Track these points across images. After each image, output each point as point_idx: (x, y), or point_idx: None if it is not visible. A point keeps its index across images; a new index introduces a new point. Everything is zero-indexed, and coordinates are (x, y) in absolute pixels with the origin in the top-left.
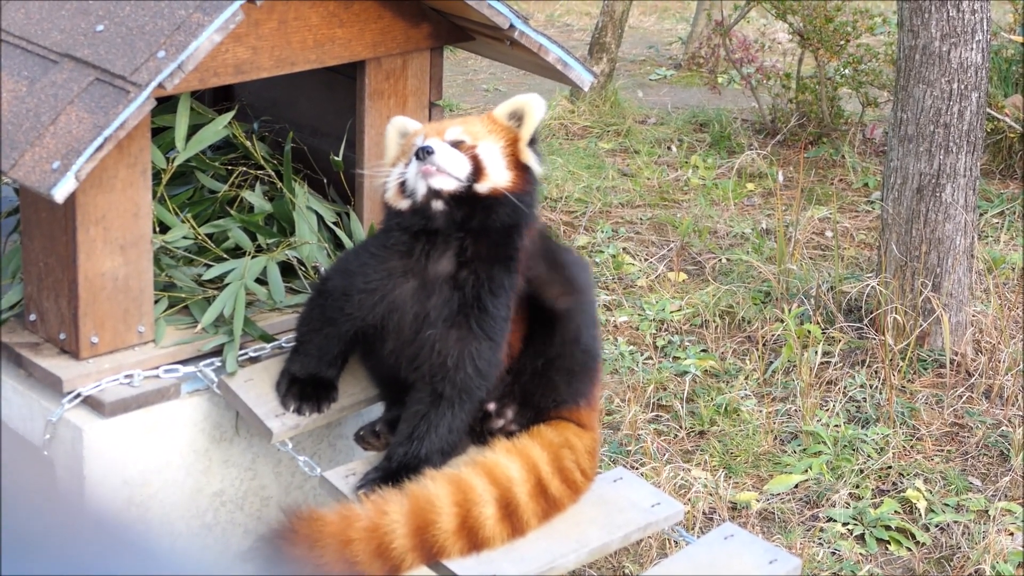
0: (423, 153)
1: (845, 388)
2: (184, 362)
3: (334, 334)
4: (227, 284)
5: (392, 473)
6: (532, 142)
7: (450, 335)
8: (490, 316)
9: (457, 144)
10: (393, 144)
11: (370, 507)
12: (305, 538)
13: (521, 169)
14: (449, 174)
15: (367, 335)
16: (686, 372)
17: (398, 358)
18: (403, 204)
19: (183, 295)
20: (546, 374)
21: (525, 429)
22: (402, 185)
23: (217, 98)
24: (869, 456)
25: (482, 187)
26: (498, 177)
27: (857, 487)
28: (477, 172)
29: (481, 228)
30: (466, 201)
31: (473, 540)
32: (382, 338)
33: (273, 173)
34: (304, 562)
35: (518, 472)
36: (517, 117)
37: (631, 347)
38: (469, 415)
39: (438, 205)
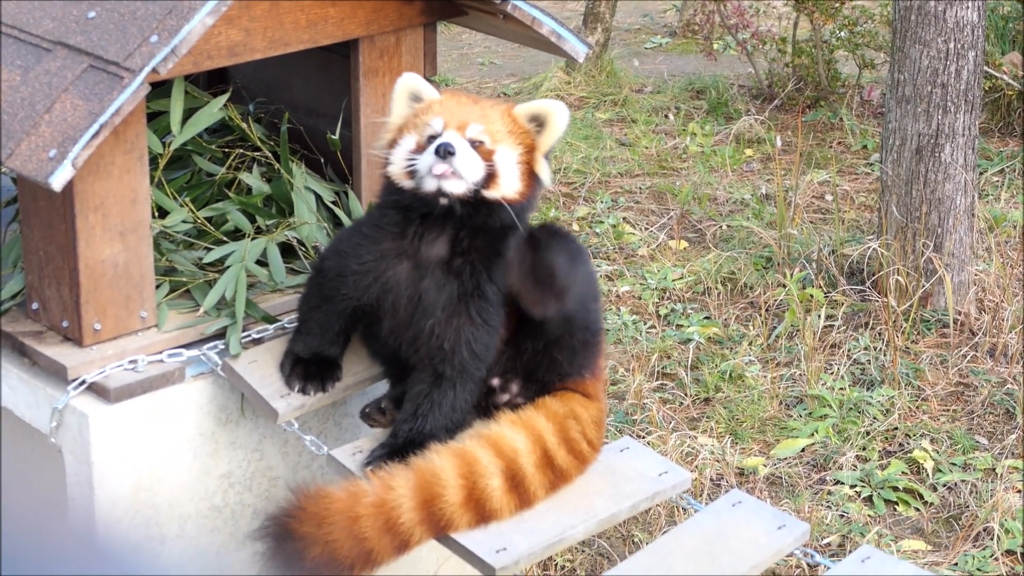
0: (444, 151)
1: (849, 351)
2: (187, 346)
3: (333, 312)
4: (228, 267)
5: (398, 449)
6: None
7: (450, 323)
8: (488, 303)
9: (477, 144)
10: (402, 105)
11: (377, 483)
12: (313, 516)
13: (531, 178)
14: (464, 179)
15: (366, 314)
16: (690, 340)
17: (396, 339)
18: (406, 184)
19: (184, 279)
20: (548, 352)
21: (530, 402)
22: (410, 170)
23: (211, 81)
24: (875, 418)
25: (491, 194)
26: (509, 187)
27: (864, 449)
28: (490, 178)
29: (480, 226)
30: (471, 202)
31: (481, 512)
32: (379, 318)
33: (270, 154)
34: (313, 540)
35: (523, 443)
36: (538, 122)
37: (634, 316)
38: (472, 393)
39: (443, 201)
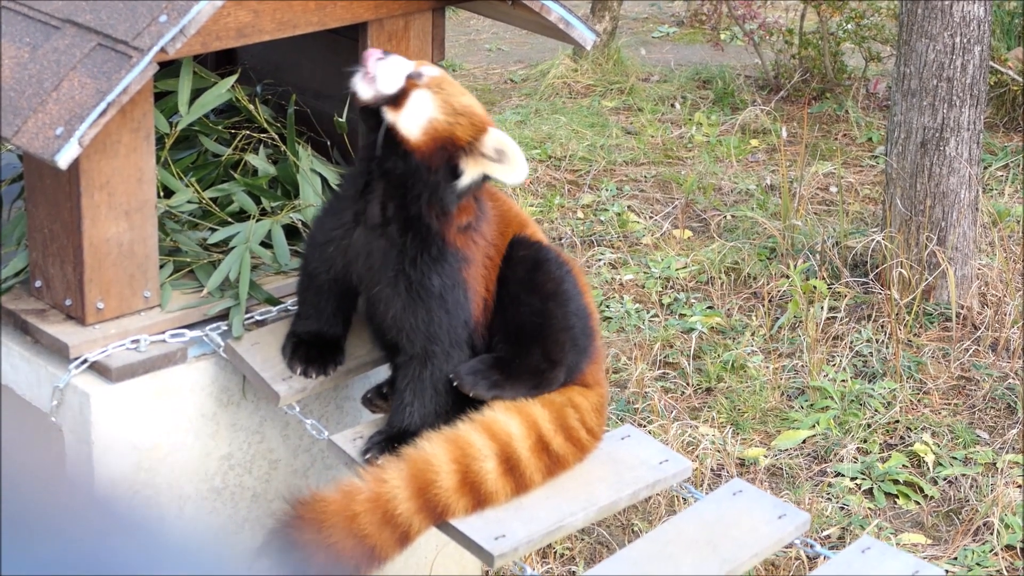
0: (377, 56)
1: (851, 343)
2: (190, 326)
3: (321, 290)
4: (232, 248)
5: (395, 435)
6: (484, 178)
7: (393, 298)
8: (426, 288)
9: (414, 75)
10: None
11: (369, 478)
12: (311, 522)
13: (439, 150)
14: (375, 85)
15: (348, 289)
16: (692, 329)
17: (371, 314)
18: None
19: (188, 260)
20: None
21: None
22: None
23: (219, 62)
24: (876, 410)
25: (388, 115)
26: (409, 124)
27: (865, 442)
28: (397, 100)
29: (396, 183)
30: (376, 125)
31: (477, 496)
32: (357, 293)
33: (276, 136)
34: (315, 546)
35: (517, 428)
36: (500, 156)
37: (637, 305)
38: (452, 366)
39: (363, 116)
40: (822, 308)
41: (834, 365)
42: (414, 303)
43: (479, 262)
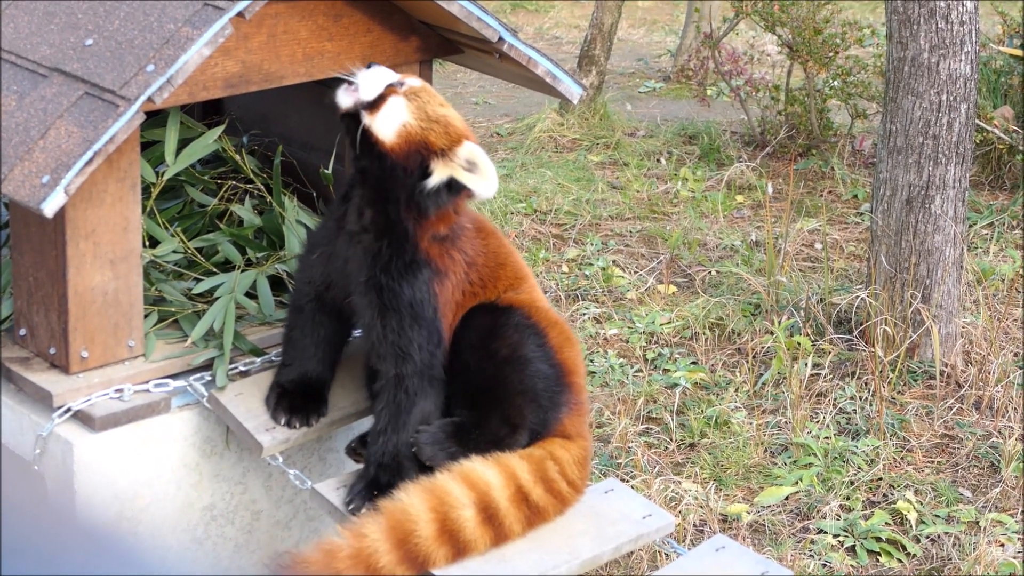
0: (351, 83)
1: (835, 400)
2: (174, 376)
3: (307, 322)
4: (217, 298)
5: (373, 479)
6: (460, 188)
7: (366, 307)
8: (396, 295)
9: (396, 84)
10: None
11: (348, 534)
12: None
13: (414, 154)
14: (357, 93)
15: (336, 325)
16: (676, 384)
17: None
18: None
19: (173, 309)
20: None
21: None
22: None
23: (207, 112)
24: (859, 468)
25: (366, 119)
26: (384, 126)
27: (848, 499)
28: (374, 105)
29: (374, 186)
30: (354, 129)
31: (456, 544)
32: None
33: (263, 187)
34: None
35: (496, 478)
36: (471, 165)
37: (621, 360)
38: (428, 400)
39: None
40: (806, 365)
41: (818, 422)
42: (385, 311)
43: (453, 281)
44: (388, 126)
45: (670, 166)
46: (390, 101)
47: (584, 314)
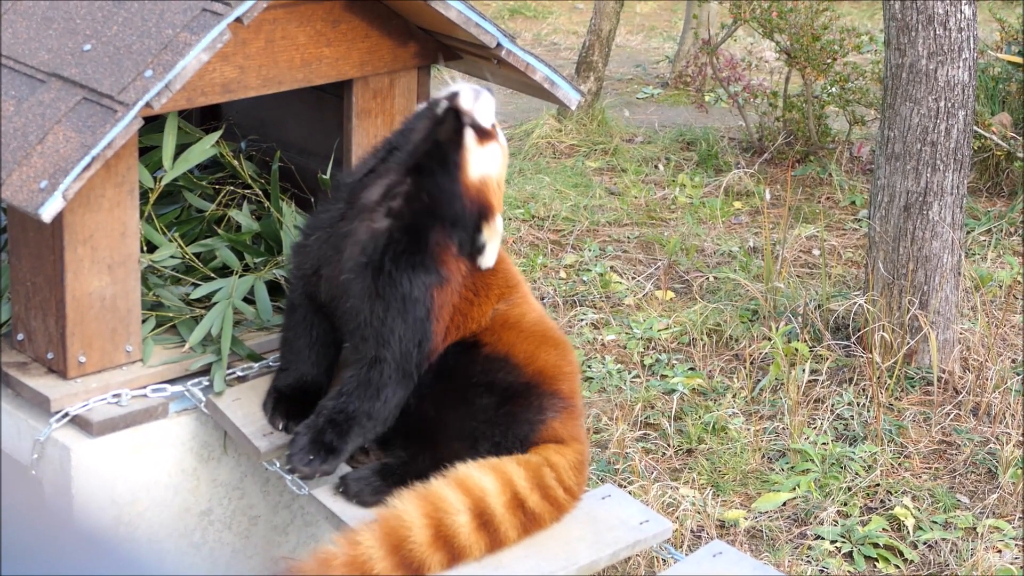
0: (479, 93)
1: (833, 406)
2: (172, 381)
3: (302, 322)
4: (215, 303)
5: (320, 432)
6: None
7: (356, 286)
8: (394, 284)
9: (494, 126)
10: None
11: (342, 542)
12: None
13: (477, 200)
14: (486, 108)
15: (332, 329)
16: (674, 390)
17: (332, 308)
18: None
19: (171, 314)
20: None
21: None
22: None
23: (205, 117)
24: (857, 474)
25: (469, 140)
26: (477, 163)
27: (845, 505)
28: (483, 136)
29: (426, 188)
30: (446, 127)
31: (451, 550)
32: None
33: (260, 192)
34: None
35: (492, 484)
36: (493, 235)
37: (619, 366)
38: (396, 392)
39: (443, 115)
40: (803, 371)
41: (815, 428)
42: (374, 297)
43: (453, 287)
44: (481, 165)
45: (668, 172)
46: (496, 145)
47: (582, 320)
